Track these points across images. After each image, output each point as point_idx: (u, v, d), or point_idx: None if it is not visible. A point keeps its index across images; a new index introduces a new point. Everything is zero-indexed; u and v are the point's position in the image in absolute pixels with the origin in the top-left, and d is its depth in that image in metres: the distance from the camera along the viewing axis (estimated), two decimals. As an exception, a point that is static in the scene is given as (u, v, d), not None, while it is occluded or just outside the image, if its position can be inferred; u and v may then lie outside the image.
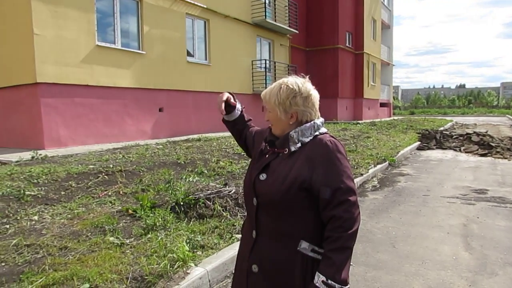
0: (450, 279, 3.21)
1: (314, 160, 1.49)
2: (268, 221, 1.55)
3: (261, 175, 1.58)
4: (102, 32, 10.28)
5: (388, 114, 33.97)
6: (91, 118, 9.87)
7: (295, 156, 1.54)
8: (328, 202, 1.45)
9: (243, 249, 1.70)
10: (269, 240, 1.55)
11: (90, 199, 4.90)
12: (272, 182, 1.53)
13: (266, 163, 1.60)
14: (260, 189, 1.56)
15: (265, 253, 1.55)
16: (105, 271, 3.00)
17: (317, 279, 1.42)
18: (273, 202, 1.52)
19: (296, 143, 1.55)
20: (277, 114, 1.59)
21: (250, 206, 1.64)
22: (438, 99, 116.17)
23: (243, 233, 1.76)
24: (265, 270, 1.55)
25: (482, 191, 6.39)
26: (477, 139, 13.00)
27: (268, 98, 1.63)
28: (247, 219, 1.73)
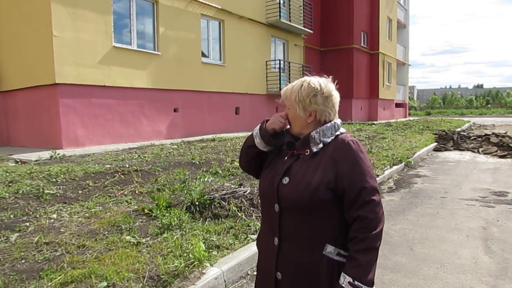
0: (470, 283, 3.14)
1: (338, 161, 1.48)
2: (292, 227, 1.51)
3: (284, 178, 1.53)
4: (118, 33, 10.43)
5: (404, 115, 33.53)
6: (108, 118, 10.02)
7: (318, 157, 1.52)
8: (353, 202, 1.44)
9: (264, 258, 1.65)
10: (294, 246, 1.51)
11: (107, 198, 4.96)
12: (297, 185, 1.48)
13: (288, 166, 1.56)
14: (285, 194, 1.51)
15: (290, 259, 1.51)
16: (122, 269, 3.03)
17: (343, 280, 1.41)
18: (298, 206, 1.48)
19: (318, 144, 1.53)
20: (296, 111, 1.58)
21: (271, 212, 1.57)
22: (455, 99, 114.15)
23: (261, 244, 1.70)
24: (290, 276, 1.52)
25: (502, 194, 6.24)
26: (496, 140, 12.71)
27: (289, 95, 1.61)
28: (264, 228, 1.67)
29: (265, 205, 1.64)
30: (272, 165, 1.64)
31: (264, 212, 1.67)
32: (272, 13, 16.07)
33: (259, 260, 1.72)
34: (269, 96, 16.65)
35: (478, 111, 58.18)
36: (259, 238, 1.74)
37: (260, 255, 1.71)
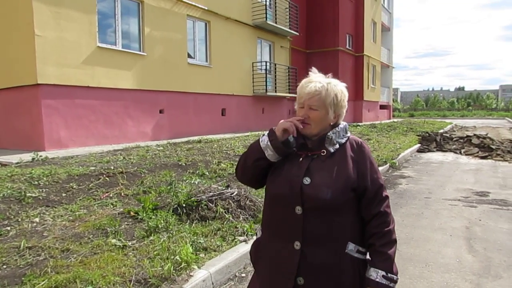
0: (455, 282, 3.20)
1: (358, 161, 1.56)
2: (316, 228, 1.49)
3: (305, 179, 1.51)
4: (103, 33, 10.28)
5: (388, 116, 34.00)
6: (92, 120, 9.86)
7: (336, 157, 1.56)
8: (373, 199, 1.54)
9: (276, 266, 1.55)
10: (317, 248, 1.49)
11: (91, 201, 4.88)
12: (321, 185, 1.49)
13: (307, 167, 1.54)
14: (310, 194, 1.48)
15: (315, 262, 1.48)
16: (108, 273, 2.99)
17: (376, 274, 1.48)
18: (324, 206, 1.48)
19: (334, 144, 1.57)
20: (325, 113, 1.57)
21: (290, 216, 1.51)
22: (438, 101, 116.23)
23: (268, 251, 1.60)
24: (314, 280, 1.49)
25: (484, 194, 6.38)
26: (477, 142, 13.01)
27: (323, 96, 1.55)
28: (274, 233, 1.58)
29: (279, 209, 1.55)
30: (282, 168, 1.58)
31: (276, 217, 1.58)
32: (258, 14, 16.10)
33: (263, 269, 1.61)
34: (255, 98, 16.66)
35: (459, 113, 59.44)
36: (261, 245, 1.65)
37: (266, 263, 1.60)
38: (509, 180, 7.52)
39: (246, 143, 10.38)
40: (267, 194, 1.64)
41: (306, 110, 1.57)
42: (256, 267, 1.69)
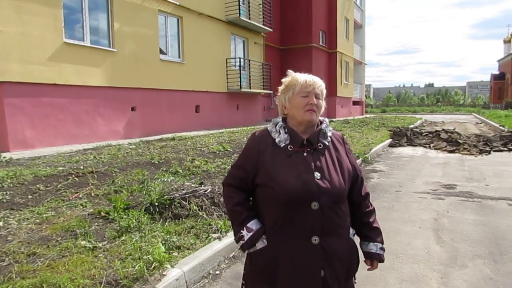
0: (423, 272, 3.29)
1: (348, 152, 1.72)
2: (330, 220, 1.56)
3: (315, 174, 1.55)
4: (70, 29, 9.96)
5: (361, 112, 34.63)
6: (60, 119, 9.55)
7: (331, 149, 1.66)
8: (361, 184, 1.74)
9: (299, 265, 1.53)
10: (332, 238, 1.57)
11: (59, 202, 4.72)
12: (331, 179, 1.57)
13: (313, 162, 1.58)
14: (324, 188, 1.53)
15: (331, 252, 1.55)
16: (77, 276, 2.90)
17: (376, 248, 1.72)
18: (337, 197, 1.57)
19: (327, 138, 1.67)
20: (322, 104, 1.68)
21: (306, 212, 1.52)
22: (408, 97, 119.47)
23: (283, 254, 1.55)
24: (332, 269, 1.56)
25: (451, 186, 6.60)
26: (445, 136, 13.44)
27: (323, 89, 1.69)
28: (290, 233, 1.55)
29: (291, 207, 1.53)
30: (282, 165, 1.57)
31: (289, 217, 1.54)
32: (231, 10, 16.01)
33: (284, 274, 1.55)
34: (229, 94, 16.59)
35: (429, 108, 61.26)
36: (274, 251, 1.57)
37: (287, 267, 1.55)
38: (475, 173, 7.81)
39: (221, 139, 10.33)
40: (271, 196, 1.57)
41: (313, 98, 1.62)
42: (268, 276, 1.58)
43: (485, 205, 5.38)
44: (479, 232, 4.27)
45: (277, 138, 1.64)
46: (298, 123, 1.64)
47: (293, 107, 1.64)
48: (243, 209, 1.66)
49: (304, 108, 1.60)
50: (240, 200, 1.67)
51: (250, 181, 1.66)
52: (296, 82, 1.64)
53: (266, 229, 1.61)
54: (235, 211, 1.66)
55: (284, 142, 1.62)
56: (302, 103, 1.61)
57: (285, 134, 1.63)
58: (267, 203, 1.61)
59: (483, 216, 4.85)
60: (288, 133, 1.63)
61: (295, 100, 1.63)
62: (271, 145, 1.63)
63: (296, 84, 1.64)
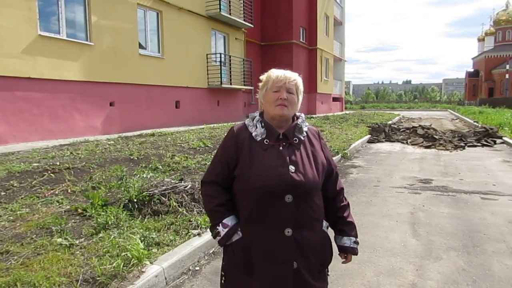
0: (400, 265, 3.37)
1: (323, 146, 1.75)
2: (303, 213, 1.59)
3: (290, 167, 1.58)
4: (45, 21, 9.67)
5: (341, 109, 35.04)
6: (35, 113, 9.29)
7: (306, 144, 1.69)
8: (336, 179, 1.77)
9: (270, 254, 1.57)
10: (305, 230, 1.60)
11: (34, 199, 4.60)
12: (306, 172, 1.59)
13: (288, 156, 1.61)
14: (300, 181, 1.56)
15: (304, 244, 1.59)
16: (52, 274, 2.84)
17: (349, 242, 1.76)
18: (310, 191, 1.60)
19: (302, 133, 1.70)
20: (297, 100, 1.69)
21: (279, 205, 1.56)
22: (387, 94, 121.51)
23: (257, 245, 1.59)
24: (305, 260, 1.60)
25: (427, 181, 6.77)
26: (422, 132, 13.75)
27: (298, 83, 1.69)
28: (263, 225, 1.58)
29: (266, 200, 1.56)
30: (258, 159, 1.60)
31: (263, 209, 1.57)
32: (212, 5, 15.88)
33: (259, 264, 1.59)
34: (210, 90, 16.49)
35: (407, 105, 62.53)
36: (248, 242, 1.62)
37: (260, 257, 1.59)
38: (450, 168, 8.03)
39: (201, 135, 10.27)
40: (246, 189, 1.61)
41: (285, 93, 1.64)
42: (245, 268, 1.63)
43: (459, 199, 5.54)
44: (454, 225, 4.40)
45: (254, 132, 1.67)
46: (271, 117, 1.68)
47: (266, 102, 1.68)
48: (225, 209, 1.68)
49: (275, 102, 1.64)
50: (222, 201, 1.68)
51: (230, 175, 1.67)
52: (269, 78, 1.69)
53: (242, 220, 1.65)
54: (216, 212, 1.68)
55: (260, 136, 1.65)
56: (273, 98, 1.65)
57: (262, 128, 1.66)
58: (243, 194, 1.64)
59: (457, 210, 5.00)
60: (264, 127, 1.66)
61: (268, 95, 1.68)
62: (248, 139, 1.66)
63: (269, 80, 1.69)
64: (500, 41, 59.74)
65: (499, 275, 3.14)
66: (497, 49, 58.86)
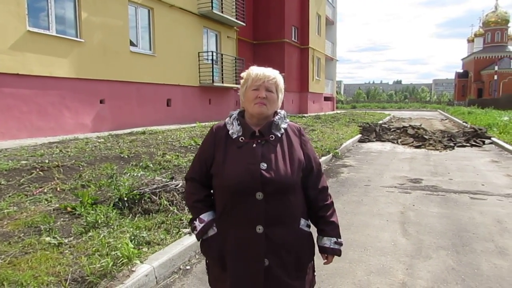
0: (390, 264, 3.39)
1: (302, 144, 1.72)
2: (275, 210, 1.58)
3: (262, 164, 1.57)
4: (34, 17, 9.53)
5: (332, 108, 35.19)
6: (24, 111, 9.15)
7: (283, 141, 1.67)
8: (317, 177, 1.73)
9: (242, 251, 1.60)
10: (278, 228, 1.59)
11: (22, 197, 4.53)
12: (278, 169, 1.58)
13: (261, 153, 1.60)
14: (270, 178, 1.55)
15: (276, 242, 1.58)
16: (40, 274, 2.80)
17: (329, 242, 1.72)
18: (282, 188, 1.58)
19: (280, 130, 1.68)
20: (277, 97, 1.69)
21: (250, 202, 1.56)
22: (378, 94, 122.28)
23: (230, 242, 1.62)
24: (278, 259, 1.60)
25: (417, 181, 6.82)
26: (412, 132, 13.87)
27: (277, 81, 1.69)
28: (235, 222, 1.61)
29: (238, 197, 1.58)
30: (233, 158, 1.62)
31: (235, 206, 1.60)
32: (204, 3, 15.80)
33: (232, 260, 1.62)
34: (202, 88, 16.42)
35: (397, 105, 63.15)
36: (222, 238, 1.65)
37: (233, 254, 1.62)
38: (440, 168, 8.11)
39: (192, 134, 10.22)
40: (220, 186, 1.65)
41: (264, 91, 1.64)
42: (220, 263, 1.67)
43: (449, 199, 5.60)
44: (443, 224, 4.44)
45: (230, 130, 1.69)
46: (250, 115, 1.70)
47: (246, 100, 1.70)
48: (202, 205, 1.72)
49: (254, 101, 1.65)
50: (200, 197, 1.73)
51: (207, 172, 1.71)
52: (249, 76, 1.70)
53: (217, 216, 1.69)
54: (194, 207, 1.74)
55: (236, 133, 1.68)
56: (252, 96, 1.66)
57: (238, 126, 1.69)
58: (218, 192, 1.68)
59: (447, 209, 5.05)
60: (240, 125, 1.69)
61: (247, 93, 1.69)
62: (225, 137, 1.69)
63: (248, 78, 1.70)
64: (489, 42, 60.52)
65: (488, 274, 3.18)
66: (486, 50, 59.64)
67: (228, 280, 1.63)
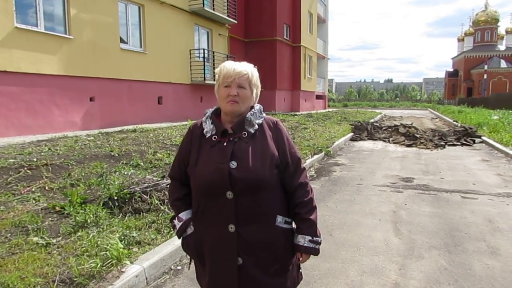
0: (382, 264, 3.38)
1: (277, 139, 1.66)
2: (247, 208, 1.55)
3: (231, 163, 1.54)
4: (22, 13, 9.37)
5: (324, 106, 35.27)
6: (11, 108, 8.99)
7: (257, 138, 1.62)
8: (295, 172, 1.66)
9: (216, 250, 1.61)
10: (251, 226, 1.57)
11: (10, 196, 4.43)
12: (247, 167, 1.54)
13: (231, 151, 1.57)
14: (239, 177, 1.52)
15: (251, 240, 1.56)
16: (27, 275, 2.73)
17: (303, 240, 1.64)
18: (253, 186, 1.54)
19: (253, 126, 1.63)
20: (251, 93, 1.64)
21: (221, 201, 1.55)
22: (369, 92, 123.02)
23: (208, 237, 1.63)
24: (253, 257, 1.58)
25: (409, 180, 6.84)
26: (403, 131, 13.94)
27: (250, 76, 1.63)
28: (206, 220, 1.63)
29: (209, 197, 1.58)
30: (204, 157, 1.60)
31: (207, 206, 1.61)
32: (195, 0, 15.68)
33: (208, 259, 1.65)
34: (193, 86, 16.32)
35: (388, 103, 63.54)
36: (198, 237, 1.67)
37: (208, 253, 1.64)
38: (431, 167, 8.15)
39: (183, 132, 10.13)
40: (194, 186, 1.65)
41: (235, 88, 1.59)
42: (199, 260, 1.70)
43: (440, 198, 5.61)
44: (435, 224, 4.45)
45: (205, 128, 1.67)
46: (224, 113, 1.67)
47: (219, 98, 1.67)
48: (181, 204, 1.72)
49: (226, 99, 1.61)
50: (179, 196, 1.73)
51: (185, 171, 1.69)
52: (220, 73, 1.66)
53: (193, 215, 1.69)
54: (174, 206, 1.75)
55: (210, 132, 1.65)
56: (224, 94, 1.62)
57: (211, 124, 1.66)
58: (193, 191, 1.67)
59: (439, 208, 5.06)
60: (213, 124, 1.66)
61: (220, 91, 1.65)
62: (199, 136, 1.67)
63: (220, 75, 1.66)
64: (479, 42, 61.21)
65: (480, 275, 3.18)
66: (476, 50, 60.32)
67: (206, 277, 1.66)
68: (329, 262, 3.41)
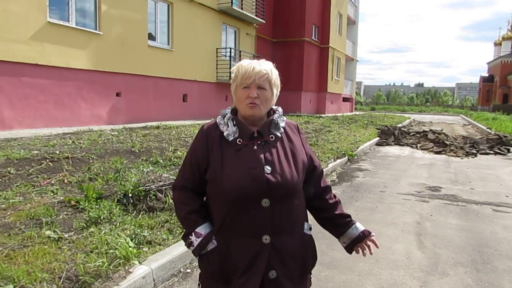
0: (403, 279, 3.17)
1: (303, 142, 1.60)
2: (282, 217, 1.44)
3: (266, 168, 1.42)
4: (54, 8, 9.59)
5: (350, 109, 34.66)
6: (41, 100, 9.22)
7: (285, 140, 1.53)
8: (320, 176, 1.63)
9: (246, 266, 1.42)
10: (285, 235, 1.46)
11: (29, 188, 4.48)
12: (284, 171, 1.44)
13: (263, 156, 1.45)
14: (277, 183, 1.41)
15: (284, 251, 1.45)
16: (35, 269, 2.70)
17: (360, 226, 1.62)
18: (288, 193, 1.45)
19: (279, 129, 1.54)
20: (271, 94, 1.51)
21: (256, 210, 1.41)
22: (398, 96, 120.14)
23: (232, 255, 1.45)
24: (285, 268, 1.46)
25: (436, 189, 6.52)
26: (432, 137, 13.43)
27: (270, 76, 1.49)
28: (238, 233, 1.44)
29: (240, 205, 1.42)
30: (230, 160, 1.45)
31: (237, 216, 1.43)
32: (224, -1, 15.69)
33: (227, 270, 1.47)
34: (218, 85, 16.32)
35: (418, 108, 61.85)
36: (223, 252, 1.48)
37: (234, 267, 1.45)
38: (460, 176, 7.76)
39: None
40: (219, 194, 1.47)
41: (255, 90, 1.46)
42: (222, 278, 1.49)
43: (469, 210, 5.30)
44: (462, 238, 4.18)
45: (225, 131, 1.51)
46: (242, 116, 1.53)
47: (237, 100, 1.52)
48: (197, 216, 1.53)
49: (245, 101, 1.47)
50: (194, 208, 1.54)
51: (201, 178, 1.53)
52: (238, 73, 1.51)
53: (216, 227, 1.50)
54: (188, 219, 1.55)
55: (232, 135, 1.50)
56: (243, 95, 1.48)
57: (234, 126, 1.51)
58: (216, 200, 1.50)
59: (467, 221, 4.77)
60: (236, 126, 1.51)
61: (237, 92, 1.51)
62: (218, 139, 1.50)
63: (237, 75, 1.51)
64: (517, 47, 58.59)
65: (510, 296, 2.93)
66: (514, 55, 57.73)
67: None
68: (345, 274, 3.23)
